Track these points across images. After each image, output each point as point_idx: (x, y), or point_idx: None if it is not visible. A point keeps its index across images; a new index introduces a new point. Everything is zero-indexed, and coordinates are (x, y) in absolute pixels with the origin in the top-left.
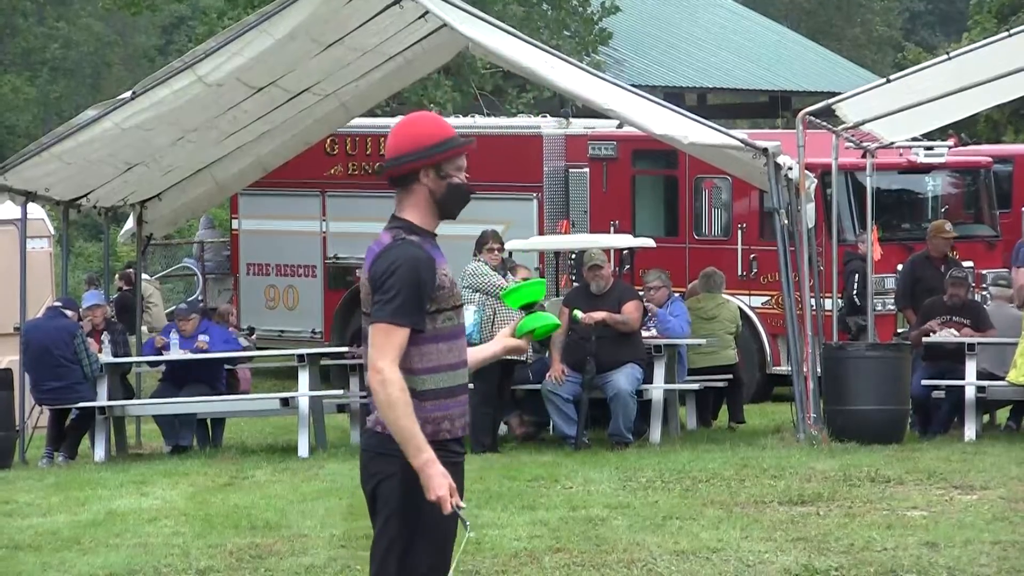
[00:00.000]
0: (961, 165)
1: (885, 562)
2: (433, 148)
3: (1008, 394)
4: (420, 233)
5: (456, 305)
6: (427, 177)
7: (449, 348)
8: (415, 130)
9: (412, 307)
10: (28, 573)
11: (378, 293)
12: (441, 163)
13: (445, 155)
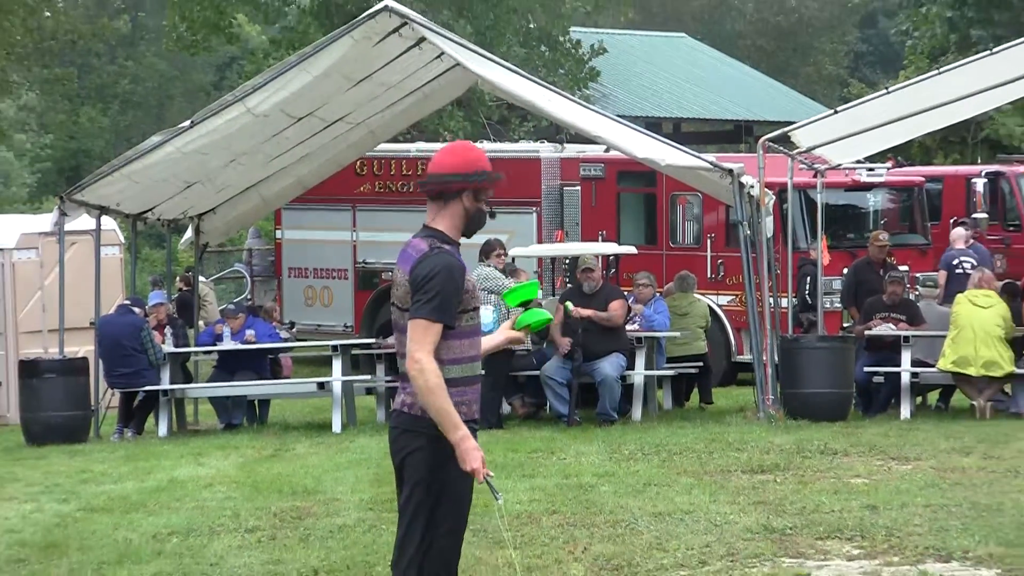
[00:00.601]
0: (898, 184)
1: (832, 522)
2: (479, 175)
3: (937, 379)
4: (450, 243)
5: (475, 307)
6: (467, 198)
7: (470, 343)
8: (467, 156)
9: (448, 307)
10: (102, 532)
11: (418, 293)
12: (481, 190)
13: (485, 184)
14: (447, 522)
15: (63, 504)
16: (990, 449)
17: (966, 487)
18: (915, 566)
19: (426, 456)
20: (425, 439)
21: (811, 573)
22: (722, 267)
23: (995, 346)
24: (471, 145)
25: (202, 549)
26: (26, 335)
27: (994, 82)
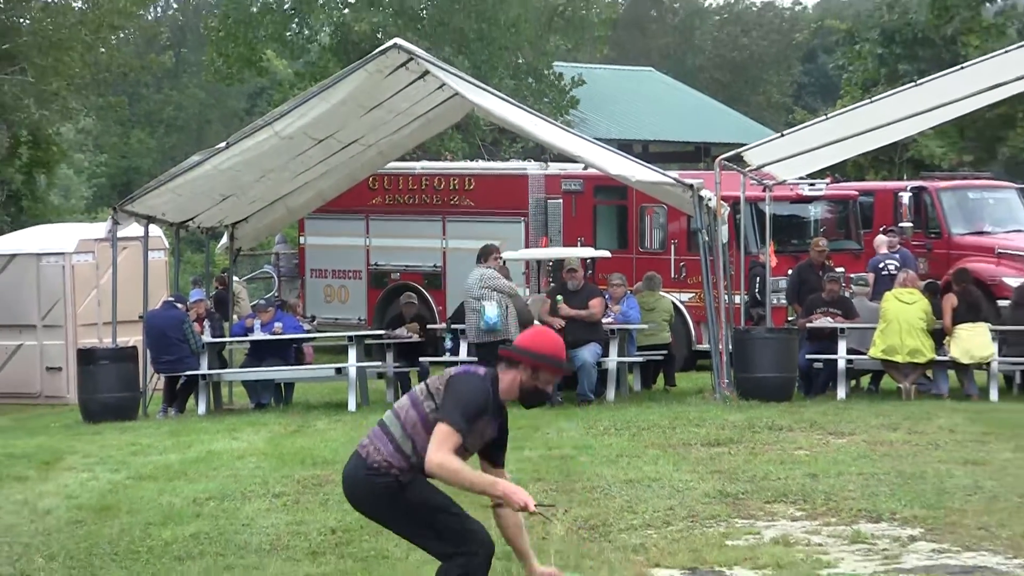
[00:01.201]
0: (835, 197)
1: (779, 488)
2: (541, 357)
3: (868, 365)
4: (495, 390)
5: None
6: (523, 371)
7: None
8: (542, 342)
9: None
10: (148, 497)
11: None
12: (539, 369)
13: (543, 366)
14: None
15: (115, 473)
16: (914, 425)
17: (893, 458)
18: (850, 526)
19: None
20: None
21: (760, 532)
22: (684, 269)
23: (918, 337)
24: (551, 336)
25: (235, 511)
26: (83, 327)
27: (918, 110)
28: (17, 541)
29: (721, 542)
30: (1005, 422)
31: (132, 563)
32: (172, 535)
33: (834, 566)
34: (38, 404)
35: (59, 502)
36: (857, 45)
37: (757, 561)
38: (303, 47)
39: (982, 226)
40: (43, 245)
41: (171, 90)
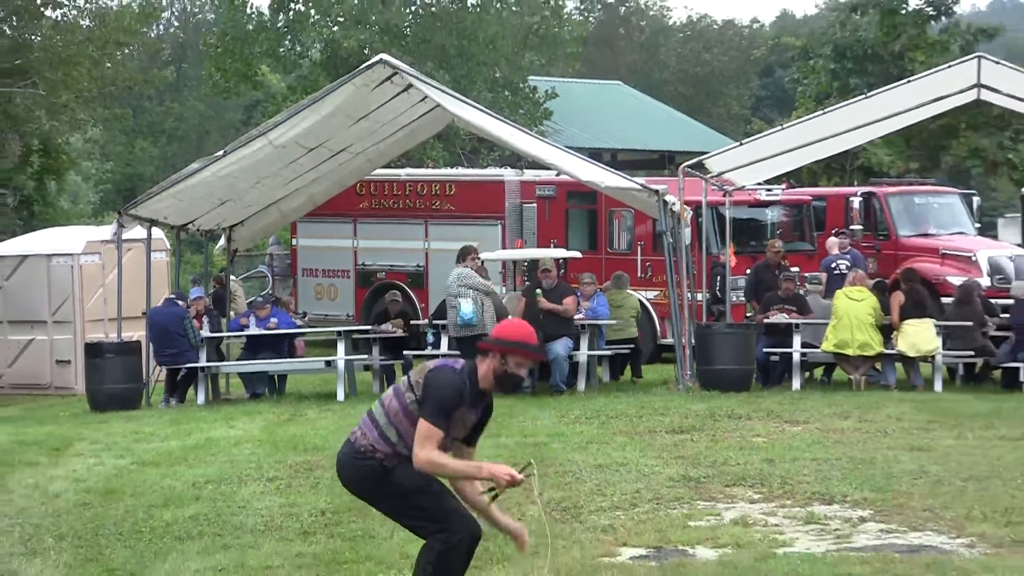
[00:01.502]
0: (790, 201)
1: (738, 472)
2: (508, 343)
3: (821, 358)
4: (472, 381)
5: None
6: (494, 358)
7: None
8: (511, 331)
9: (447, 413)
10: (152, 480)
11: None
12: (508, 355)
13: (511, 351)
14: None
15: (120, 459)
16: (864, 414)
17: (845, 444)
18: (804, 508)
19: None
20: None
21: (721, 514)
22: (650, 268)
23: (868, 331)
24: (520, 325)
25: (232, 495)
26: (91, 323)
27: (867, 121)
28: (29, 522)
29: (684, 523)
30: (949, 411)
31: (136, 542)
32: (173, 516)
33: (789, 545)
34: (48, 395)
35: (68, 486)
36: (811, 60)
37: (718, 541)
38: (295, 62)
39: (927, 229)
40: (53, 246)
41: (172, 102)
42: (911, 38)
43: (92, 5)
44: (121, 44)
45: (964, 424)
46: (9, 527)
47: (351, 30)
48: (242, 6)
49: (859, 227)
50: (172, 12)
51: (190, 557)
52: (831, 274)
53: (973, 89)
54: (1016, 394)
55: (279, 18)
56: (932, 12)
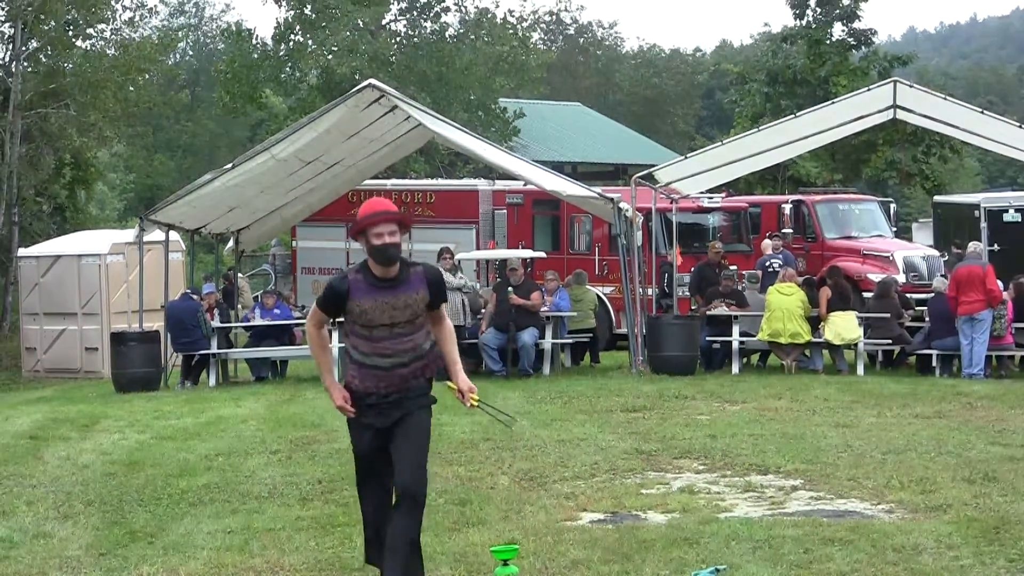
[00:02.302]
0: (729, 208)
1: (684, 446)
2: (357, 222)
3: (757, 345)
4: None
5: (366, 325)
6: (356, 239)
7: (359, 343)
8: (360, 211)
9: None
10: (169, 453)
11: None
12: (362, 231)
13: (360, 226)
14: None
15: (141, 434)
16: (795, 395)
17: (778, 422)
18: (743, 477)
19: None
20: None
21: (669, 483)
22: (606, 267)
23: (798, 322)
24: (373, 199)
25: (239, 466)
26: (115, 314)
27: (797, 137)
28: (61, 490)
29: (637, 491)
30: (870, 392)
31: (155, 507)
32: (188, 484)
33: (730, 510)
34: (78, 378)
35: (95, 458)
36: (747, 84)
37: (667, 507)
38: (295, 87)
39: (850, 232)
40: (83, 248)
41: (187, 122)
42: (835, 65)
43: (117, 36)
44: (143, 71)
45: (883, 404)
46: (44, 494)
47: (344, 58)
48: (248, 37)
49: (790, 231)
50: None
51: (203, 520)
52: (765, 272)
53: (889, 110)
54: (929, 377)
55: (280, 48)
56: (853, 42)
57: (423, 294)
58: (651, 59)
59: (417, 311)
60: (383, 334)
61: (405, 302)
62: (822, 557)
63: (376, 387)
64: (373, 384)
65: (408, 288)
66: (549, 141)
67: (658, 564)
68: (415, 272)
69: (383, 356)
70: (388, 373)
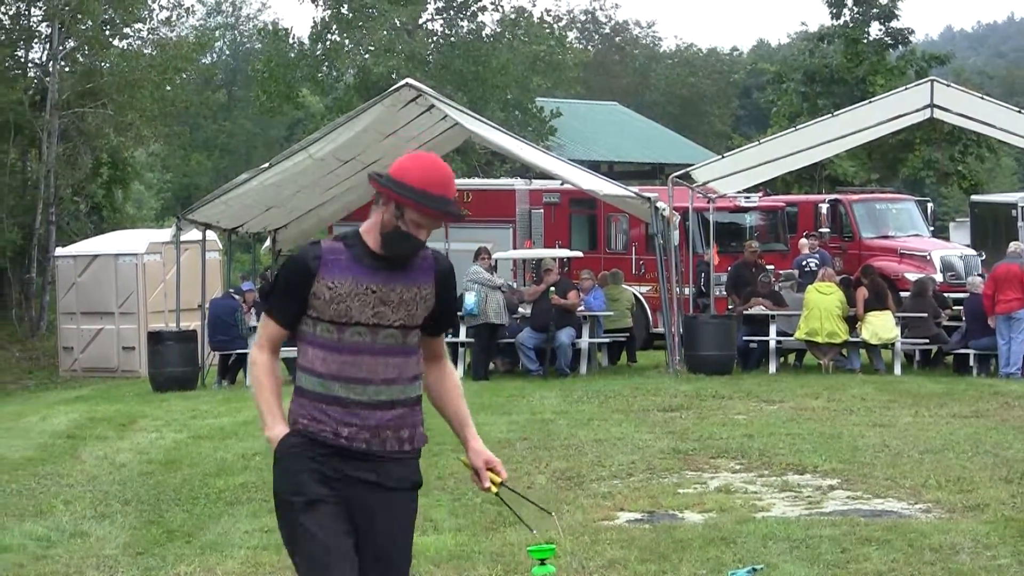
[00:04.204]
0: (766, 207)
1: (721, 446)
2: (407, 188)
3: (794, 345)
4: (352, 244)
5: (338, 321)
6: (387, 206)
7: (318, 359)
8: (412, 164)
9: (275, 300)
10: (206, 452)
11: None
12: (402, 205)
13: (408, 201)
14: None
15: (178, 433)
16: (832, 394)
17: (815, 421)
18: (780, 477)
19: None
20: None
21: (706, 482)
22: (643, 266)
23: (835, 322)
24: (430, 161)
25: None
26: (153, 314)
27: (834, 136)
28: (99, 489)
29: (674, 490)
30: (907, 392)
31: (192, 507)
32: (225, 484)
33: (767, 510)
34: (116, 377)
35: (133, 457)
36: (784, 84)
37: (704, 506)
38: (332, 86)
39: (887, 231)
40: (120, 247)
41: (224, 121)
42: (872, 64)
43: (154, 36)
44: (179, 70)
45: (920, 403)
46: (81, 493)
47: (381, 58)
48: (285, 36)
49: (827, 230)
50: (224, 42)
51: (240, 519)
52: (802, 271)
53: (926, 109)
54: (966, 377)
55: (317, 47)
56: (890, 41)
57: (427, 293)
58: (688, 58)
59: (415, 316)
60: (360, 341)
61: (401, 296)
62: (859, 557)
63: (337, 430)
64: (334, 426)
65: (409, 278)
66: (585, 140)
67: (695, 564)
68: (423, 257)
69: (355, 381)
70: (362, 411)
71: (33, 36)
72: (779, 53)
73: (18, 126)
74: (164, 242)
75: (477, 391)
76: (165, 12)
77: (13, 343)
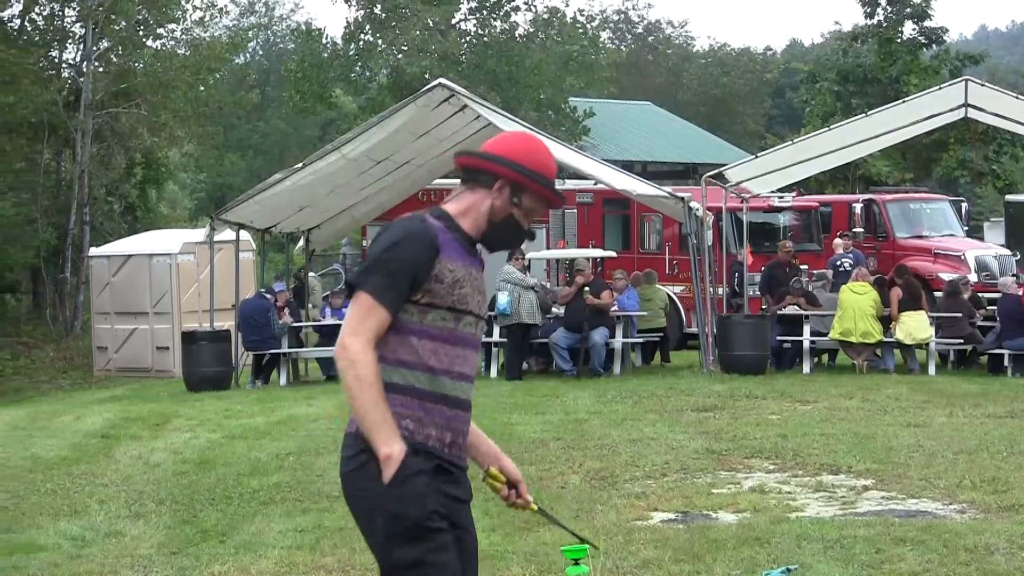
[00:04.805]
0: (800, 207)
1: (755, 446)
2: (529, 171)
3: (828, 345)
4: (452, 227)
5: (458, 309)
6: (500, 191)
7: (431, 351)
8: (527, 146)
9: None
10: (240, 452)
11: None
12: (523, 188)
13: (533, 184)
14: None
15: (212, 433)
16: (866, 394)
17: (849, 421)
18: (814, 477)
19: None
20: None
21: (740, 482)
22: (676, 266)
23: (869, 321)
24: (540, 141)
25: (310, 465)
26: (187, 314)
27: (867, 136)
28: (133, 489)
29: (708, 490)
30: (941, 392)
31: (226, 507)
32: (259, 484)
33: (801, 510)
34: (150, 377)
35: (167, 457)
36: (817, 83)
37: (738, 506)
38: (365, 86)
39: (921, 231)
40: (154, 247)
41: (258, 121)
42: (906, 64)
43: (188, 36)
44: (213, 70)
45: (955, 403)
46: (116, 493)
47: (414, 58)
48: (318, 37)
49: (861, 230)
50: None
51: (274, 519)
52: (836, 271)
53: (961, 108)
54: (1001, 377)
55: (350, 47)
56: (924, 40)
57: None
58: (721, 58)
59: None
60: (470, 333)
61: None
62: (893, 557)
63: (442, 436)
64: (439, 432)
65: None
66: (619, 140)
67: (729, 564)
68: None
69: (462, 378)
70: (460, 411)
71: (67, 37)
72: (812, 53)
73: (52, 126)
74: (198, 242)
75: (510, 391)
76: (198, 12)
77: (47, 343)
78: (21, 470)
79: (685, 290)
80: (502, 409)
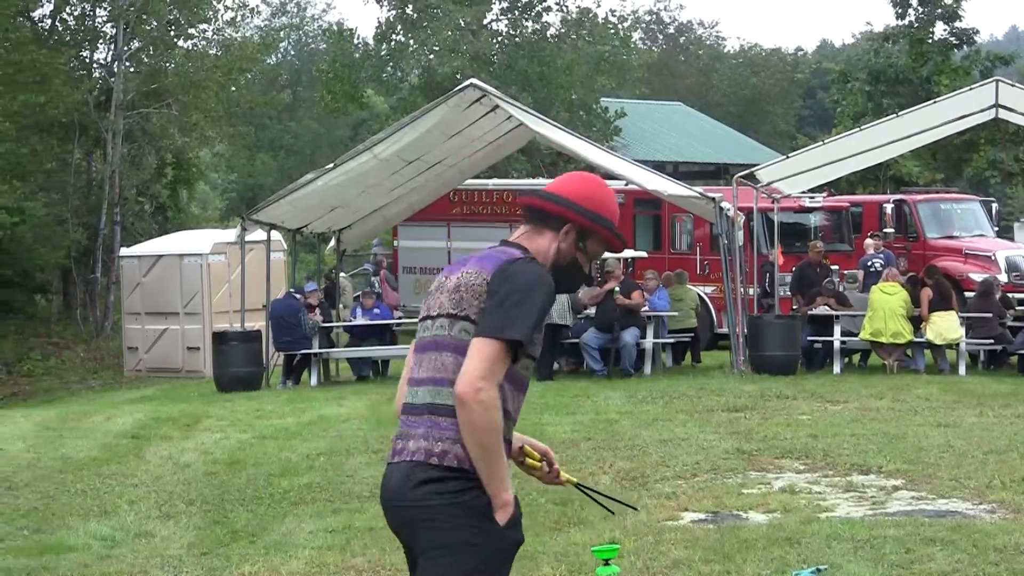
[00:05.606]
0: (831, 207)
1: (785, 446)
2: (597, 216)
3: (859, 345)
4: None
5: (532, 355)
6: (567, 235)
7: (511, 397)
8: (593, 189)
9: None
10: (270, 452)
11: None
12: (590, 233)
13: (601, 230)
14: None
15: (243, 433)
16: (897, 395)
17: (880, 422)
18: (844, 477)
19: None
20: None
21: (771, 482)
22: (707, 266)
23: (900, 322)
24: (603, 183)
25: (341, 465)
26: (217, 314)
27: (899, 137)
28: (164, 489)
29: (738, 490)
30: (971, 392)
31: (256, 507)
32: (289, 484)
33: (831, 510)
34: (180, 377)
35: (197, 457)
36: (849, 84)
37: (768, 506)
38: (396, 86)
39: (951, 232)
40: (184, 247)
41: (289, 121)
42: (937, 64)
43: (219, 36)
44: (244, 70)
45: (985, 404)
46: (146, 493)
47: (445, 58)
48: (350, 37)
49: (891, 230)
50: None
51: (304, 520)
52: (867, 271)
53: (991, 109)
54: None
55: (382, 48)
56: (955, 41)
57: None
58: (751, 58)
59: None
60: (527, 376)
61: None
62: (923, 557)
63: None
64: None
65: None
66: (650, 140)
67: (759, 564)
68: None
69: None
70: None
71: (98, 37)
72: (843, 53)
73: (83, 126)
74: (229, 242)
75: (541, 391)
76: (230, 13)
77: (78, 343)
78: (51, 471)
79: (716, 290)
80: (533, 409)
